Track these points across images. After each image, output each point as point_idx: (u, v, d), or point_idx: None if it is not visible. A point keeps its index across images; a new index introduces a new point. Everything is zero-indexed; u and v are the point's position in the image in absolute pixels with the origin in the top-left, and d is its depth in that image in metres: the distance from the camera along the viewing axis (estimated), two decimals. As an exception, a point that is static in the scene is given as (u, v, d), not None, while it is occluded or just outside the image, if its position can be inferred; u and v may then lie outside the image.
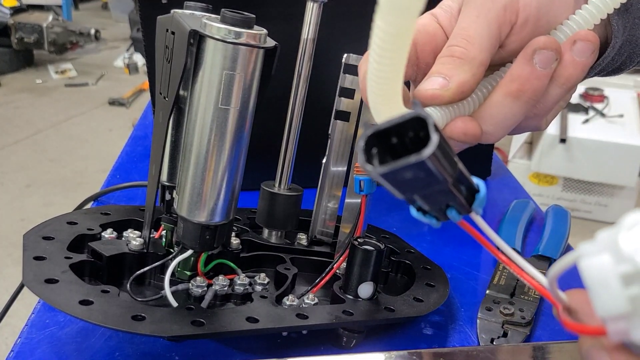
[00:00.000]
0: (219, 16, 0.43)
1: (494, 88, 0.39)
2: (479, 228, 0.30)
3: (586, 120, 2.55)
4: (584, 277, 0.23)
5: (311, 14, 0.52)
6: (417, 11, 0.25)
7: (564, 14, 0.40)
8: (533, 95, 0.38)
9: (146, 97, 3.62)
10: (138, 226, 0.55)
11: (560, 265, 0.24)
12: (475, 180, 0.29)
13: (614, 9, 0.39)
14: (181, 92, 0.47)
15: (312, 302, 0.49)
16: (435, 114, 0.36)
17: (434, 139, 0.23)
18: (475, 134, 0.37)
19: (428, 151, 0.23)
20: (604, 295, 0.22)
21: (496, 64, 0.41)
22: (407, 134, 0.25)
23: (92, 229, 0.53)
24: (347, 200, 0.55)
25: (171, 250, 0.50)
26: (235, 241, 0.53)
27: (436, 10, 0.43)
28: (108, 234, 0.53)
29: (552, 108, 0.41)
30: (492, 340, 0.50)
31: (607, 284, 0.22)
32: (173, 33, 0.45)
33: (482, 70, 0.38)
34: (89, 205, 0.72)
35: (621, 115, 2.57)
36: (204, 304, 0.47)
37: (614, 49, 0.44)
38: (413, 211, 0.30)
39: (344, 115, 0.55)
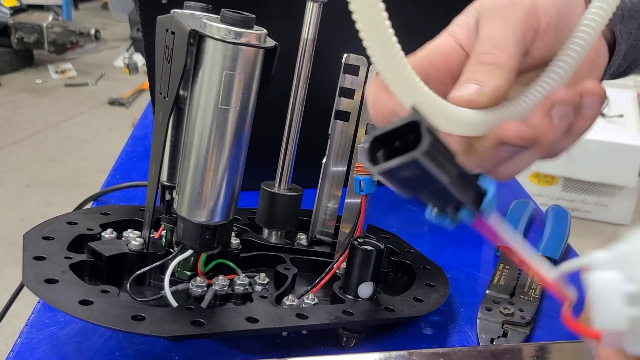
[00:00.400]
0: (218, 16, 0.43)
1: None
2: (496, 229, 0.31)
3: (586, 120, 2.55)
4: (590, 287, 0.23)
5: (311, 14, 0.52)
6: None
7: (578, 16, 0.41)
8: (546, 145, 0.39)
9: (146, 97, 3.62)
10: (138, 226, 0.55)
11: (570, 266, 0.25)
12: (486, 182, 0.30)
13: (616, 17, 0.39)
14: (181, 92, 0.47)
15: (312, 302, 0.49)
16: (482, 117, 0.37)
17: (426, 139, 0.24)
18: (529, 136, 0.37)
19: (419, 151, 0.24)
20: (606, 310, 0.22)
21: (523, 73, 0.41)
22: (409, 136, 0.26)
23: (92, 229, 0.53)
24: (347, 200, 0.55)
25: (171, 250, 0.50)
26: (235, 241, 0.53)
27: (452, 27, 0.44)
28: (108, 234, 0.53)
29: (559, 155, 0.42)
30: (492, 340, 0.50)
31: (611, 300, 0.22)
32: (173, 33, 0.45)
33: (513, 76, 0.39)
34: (89, 205, 0.72)
35: (621, 115, 2.57)
36: (204, 304, 0.47)
37: (619, 57, 0.44)
38: (427, 212, 0.30)
39: (344, 115, 0.55)
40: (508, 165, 0.39)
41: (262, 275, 0.51)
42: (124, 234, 0.53)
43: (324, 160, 0.56)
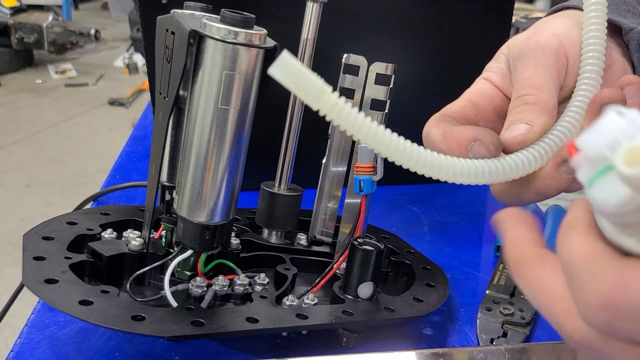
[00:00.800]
0: (218, 16, 0.43)
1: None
2: None
3: (586, 120, 2.56)
4: (600, 121, 0.23)
5: (311, 14, 0.52)
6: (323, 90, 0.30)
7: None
8: None
9: (146, 97, 3.62)
10: (138, 226, 0.55)
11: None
12: None
13: (632, 47, 0.44)
14: (181, 92, 0.47)
15: (312, 302, 0.49)
16: (538, 151, 0.39)
17: None
18: None
19: None
20: (596, 138, 0.23)
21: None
22: None
23: (92, 229, 0.53)
24: (347, 200, 0.55)
25: (171, 250, 0.50)
26: (235, 241, 0.53)
27: (486, 74, 0.47)
28: (108, 234, 0.53)
29: None
30: (492, 341, 0.50)
31: (605, 133, 0.22)
32: (173, 33, 0.45)
33: (555, 113, 0.41)
34: (89, 205, 0.72)
35: (621, 115, 2.57)
36: (204, 304, 0.47)
37: None
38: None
39: (343, 116, 0.55)
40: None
41: (262, 275, 0.51)
42: (124, 234, 0.53)
43: (324, 160, 0.56)
